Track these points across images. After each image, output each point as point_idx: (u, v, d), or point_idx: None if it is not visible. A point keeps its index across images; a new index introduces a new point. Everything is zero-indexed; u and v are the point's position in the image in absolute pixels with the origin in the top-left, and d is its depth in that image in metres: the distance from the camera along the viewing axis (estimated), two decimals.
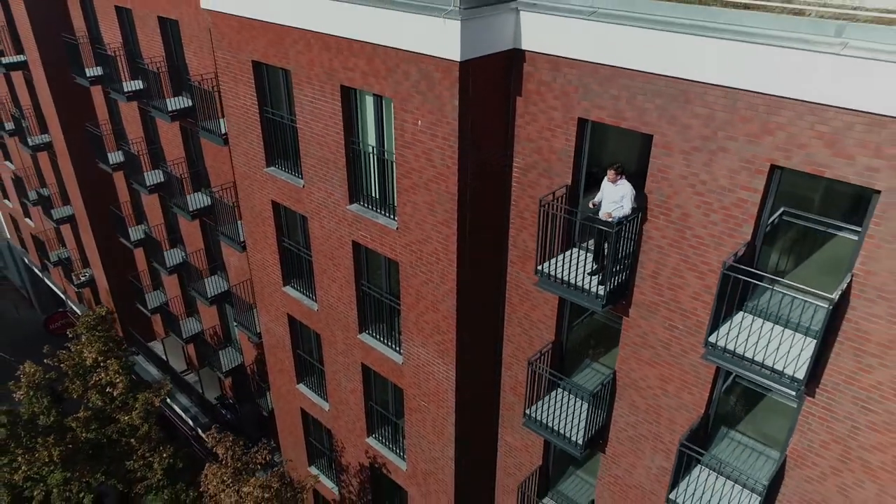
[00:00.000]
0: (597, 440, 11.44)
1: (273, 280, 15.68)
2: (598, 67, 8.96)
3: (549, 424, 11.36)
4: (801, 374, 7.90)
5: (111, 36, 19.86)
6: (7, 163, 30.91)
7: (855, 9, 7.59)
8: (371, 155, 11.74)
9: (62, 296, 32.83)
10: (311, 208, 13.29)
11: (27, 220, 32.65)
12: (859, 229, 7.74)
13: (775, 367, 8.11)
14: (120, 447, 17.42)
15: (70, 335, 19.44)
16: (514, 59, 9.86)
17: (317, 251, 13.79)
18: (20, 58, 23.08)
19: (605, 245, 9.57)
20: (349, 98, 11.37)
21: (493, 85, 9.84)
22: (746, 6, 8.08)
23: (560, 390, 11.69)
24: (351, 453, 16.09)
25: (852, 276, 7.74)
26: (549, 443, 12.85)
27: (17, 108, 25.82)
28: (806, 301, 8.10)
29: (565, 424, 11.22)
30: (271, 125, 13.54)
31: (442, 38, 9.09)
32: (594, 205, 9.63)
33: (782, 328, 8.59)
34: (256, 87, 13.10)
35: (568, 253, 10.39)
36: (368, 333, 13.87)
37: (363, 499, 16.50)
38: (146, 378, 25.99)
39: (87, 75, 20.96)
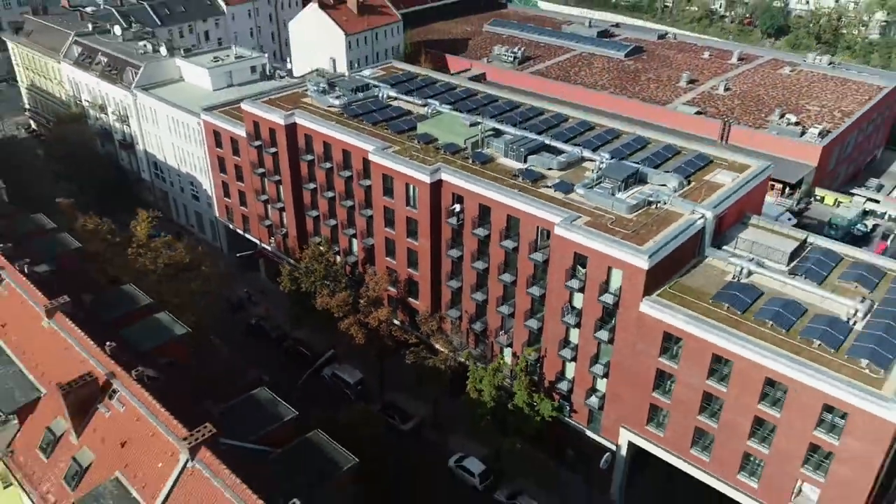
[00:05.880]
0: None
1: None
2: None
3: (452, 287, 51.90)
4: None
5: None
6: (239, 183, 70.35)
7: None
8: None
9: (258, 242, 72.53)
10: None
11: (241, 206, 72.17)
12: None
13: None
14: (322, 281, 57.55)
15: (307, 247, 59.55)
16: (442, 183, 50.13)
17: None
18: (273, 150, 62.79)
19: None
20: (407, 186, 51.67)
21: (437, 192, 50.10)
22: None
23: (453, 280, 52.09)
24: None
25: None
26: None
27: (262, 167, 65.45)
28: None
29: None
30: None
31: (425, 177, 49.36)
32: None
33: None
34: None
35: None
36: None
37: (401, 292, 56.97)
38: None
39: (306, 158, 60.77)
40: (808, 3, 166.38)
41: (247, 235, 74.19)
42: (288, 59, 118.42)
